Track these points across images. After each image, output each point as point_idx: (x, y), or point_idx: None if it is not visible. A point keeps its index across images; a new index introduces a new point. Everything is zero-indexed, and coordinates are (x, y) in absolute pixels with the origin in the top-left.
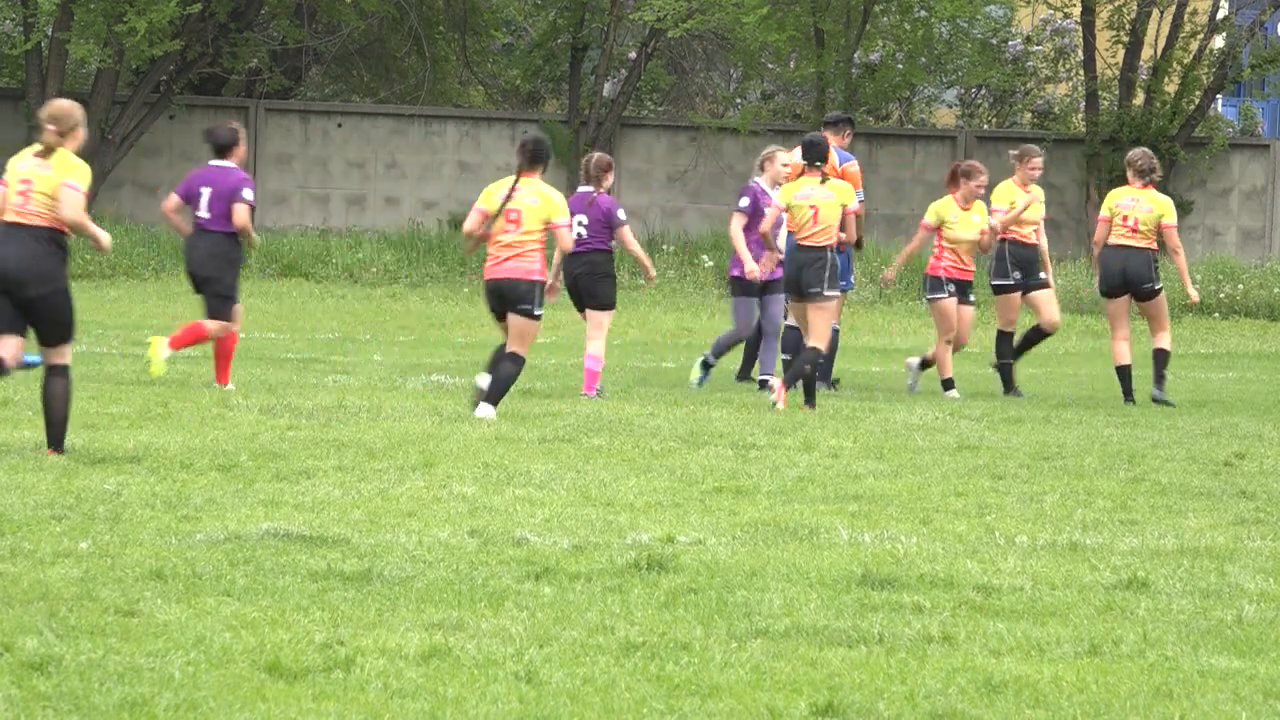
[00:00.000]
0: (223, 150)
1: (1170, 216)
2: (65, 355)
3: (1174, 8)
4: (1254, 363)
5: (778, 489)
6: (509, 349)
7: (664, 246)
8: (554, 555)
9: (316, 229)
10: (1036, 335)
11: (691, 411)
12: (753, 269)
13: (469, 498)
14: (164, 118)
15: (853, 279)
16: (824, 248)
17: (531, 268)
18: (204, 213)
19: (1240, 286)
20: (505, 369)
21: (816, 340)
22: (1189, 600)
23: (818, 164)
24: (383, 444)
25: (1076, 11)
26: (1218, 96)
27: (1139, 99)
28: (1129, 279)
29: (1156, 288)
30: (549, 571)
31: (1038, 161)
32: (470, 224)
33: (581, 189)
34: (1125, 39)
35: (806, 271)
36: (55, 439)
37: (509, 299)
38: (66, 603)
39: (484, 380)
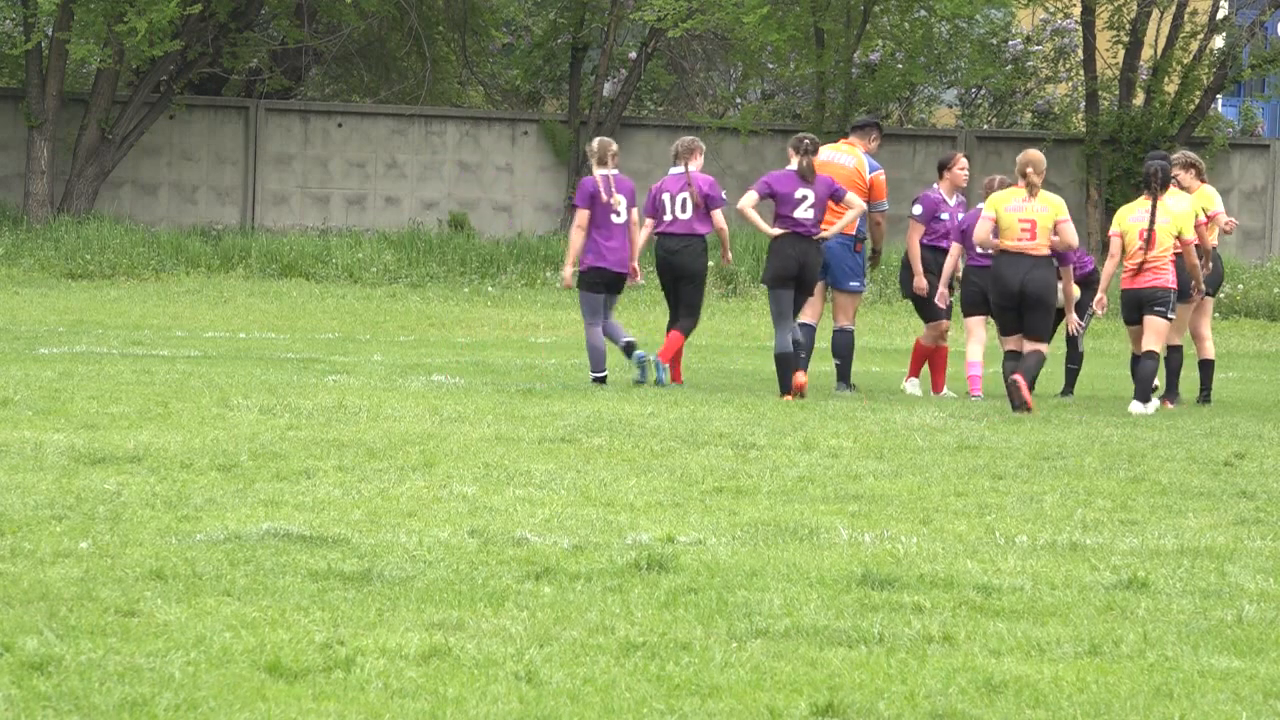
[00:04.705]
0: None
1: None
2: (1044, 347)
3: (1174, 8)
4: (1254, 363)
5: (778, 489)
6: (1145, 347)
7: None
8: (554, 555)
9: (316, 229)
10: None
11: (691, 411)
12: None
13: (469, 498)
14: (164, 118)
15: (865, 281)
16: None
17: (1170, 278)
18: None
19: (1240, 286)
20: (1145, 365)
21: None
22: (1189, 600)
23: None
24: (383, 444)
25: (1076, 11)
26: (1218, 96)
27: (1139, 99)
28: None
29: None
30: (549, 571)
31: None
32: (1113, 249)
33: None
34: (1125, 39)
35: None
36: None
37: (1146, 303)
38: (66, 603)
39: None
